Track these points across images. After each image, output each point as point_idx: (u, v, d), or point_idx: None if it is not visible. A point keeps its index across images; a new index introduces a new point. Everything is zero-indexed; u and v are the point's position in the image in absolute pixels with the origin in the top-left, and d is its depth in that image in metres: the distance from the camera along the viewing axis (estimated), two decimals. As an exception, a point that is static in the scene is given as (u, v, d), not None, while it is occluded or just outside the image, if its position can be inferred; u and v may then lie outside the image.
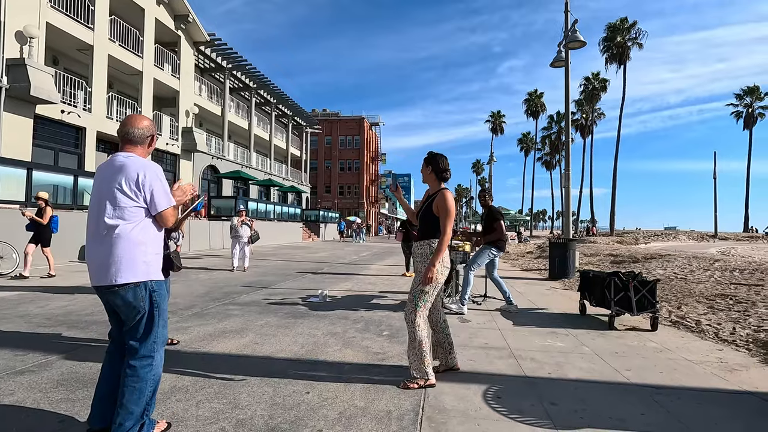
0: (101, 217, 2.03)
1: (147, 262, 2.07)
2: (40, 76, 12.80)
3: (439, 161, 3.17)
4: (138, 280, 2.03)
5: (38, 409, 2.42)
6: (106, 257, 2.00)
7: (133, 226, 2.05)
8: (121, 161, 2.08)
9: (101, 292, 2.06)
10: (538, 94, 52.39)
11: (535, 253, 17.43)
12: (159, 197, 2.08)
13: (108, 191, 2.03)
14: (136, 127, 2.17)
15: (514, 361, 3.54)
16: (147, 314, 2.08)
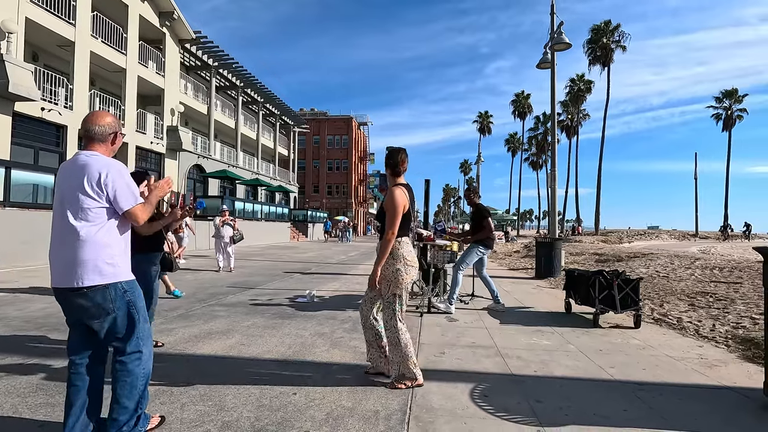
0: (65, 218, 1.97)
1: (113, 263, 2.01)
2: (18, 73, 12.47)
3: (393, 155, 3.09)
4: (106, 282, 1.98)
5: (18, 413, 2.36)
6: (71, 259, 1.94)
7: (98, 228, 1.99)
8: (83, 160, 2.02)
9: (65, 294, 1.99)
10: (525, 95, 52.94)
11: (521, 252, 17.61)
12: (123, 196, 2.02)
13: (70, 192, 1.97)
14: (98, 124, 2.10)
15: (500, 359, 3.57)
16: (125, 315, 2.05)
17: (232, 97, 28.56)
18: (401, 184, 3.04)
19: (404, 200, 2.93)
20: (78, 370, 2.05)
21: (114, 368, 2.05)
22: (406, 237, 2.99)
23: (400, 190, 2.97)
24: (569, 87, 44.05)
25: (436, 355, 3.65)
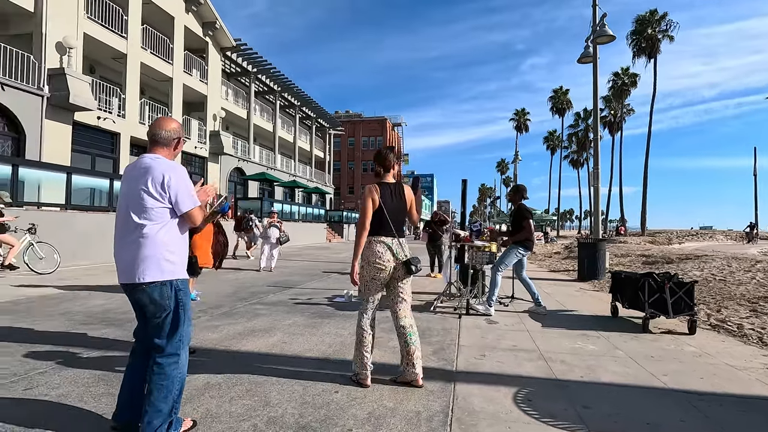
0: (129, 217, 2.09)
1: (172, 261, 2.12)
2: (78, 85, 13.40)
3: (378, 156, 3.07)
4: (164, 279, 2.08)
5: (83, 402, 2.53)
6: (134, 256, 2.06)
7: (159, 226, 2.10)
8: (147, 163, 2.14)
9: (129, 289, 2.12)
10: (564, 91, 51.21)
11: (562, 253, 17.03)
12: (183, 198, 2.13)
13: (135, 192, 2.09)
14: (164, 130, 2.23)
15: (543, 363, 3.47)
16: (172, 312, 2.13)
17: (270, 101, 29.39)
18: (379, 182, 3.01)
19: (371, 195, 2.90)
20: (137, 355, 2.21)
21: (151, 370, 2.09)
22: (376, 236, 2.92)
23: (369, 188, 2.94)
24: (612, 81, 42.19)
25: (476, 358, 3.60)
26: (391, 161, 3.07)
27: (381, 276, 2.90)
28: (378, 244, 2.90)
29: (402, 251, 2.94)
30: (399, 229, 2.98)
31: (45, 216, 9.38)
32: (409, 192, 3.09)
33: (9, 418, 2.30)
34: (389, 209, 2.92)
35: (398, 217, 2.98)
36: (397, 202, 2.98)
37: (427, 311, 5.50)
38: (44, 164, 11.23)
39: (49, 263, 8.44)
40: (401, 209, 3.01)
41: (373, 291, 2.96)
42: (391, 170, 3.07)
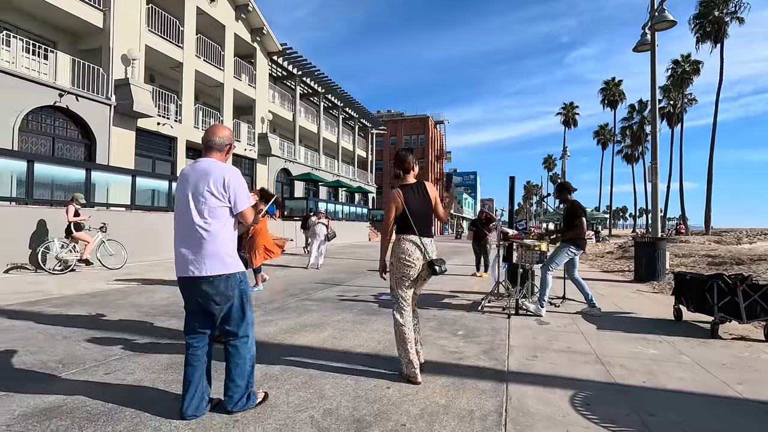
0: (193, 216, 2.25)
1: (232, 255, 2.33)
2: (140, 93, 14.40)
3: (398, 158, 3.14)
4: (229, 272, 2.28)
5: (155, 387, 2.74)
6: (200, 252, 2.23)
7: (222, 224, 2.28)
8: (206, 166, 2.31)
9: (192, 283, 2.26)
10: (616, 82, 48.49)
11: (615, 253, 16.17)
12: (241, 198, 2.32)
13: (198, 193, 2.25)
14: (217, 136, 2.40)
15: (601, 366, 3.33)
16: (237, 301, 2.33)
17: (314, 103, 30.08)
18: (401, 185, 3.08)
19: (395, 201, 2.98)
20: (194, 351, 2.34)
21: (227, 351, 2.36)
22: (404, 235, 2.99)
23: (392, 193, 3.04)
24: (671, 69, 39.45)
25: (528, 359, 3.52)
26: (410, 163, 3.12)
27: (410, 273, 2.96)
28: (407, 242, 2.97)
29: (428, 251, 2.98)
30: (424, 228, 3.01)
31: (113, 216, 10.16)
32: (432, 190, 3.12)
33: (94, 398, 2.53)
34: (413, 210, 2.97)
35: (423, 217, 3.02)
36: (420, 203, 3.02)
37: (475, 311, 5.43)
38: (112, 168, 12.17)
39: (117, 259, 9.14)
40: (425, 209, 3.05)
41: (405, 289, 3.01)
42: (411, 171, 3.12)
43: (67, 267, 8.26)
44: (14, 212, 8.32)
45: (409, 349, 2.92)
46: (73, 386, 2.73)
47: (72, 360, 3.23)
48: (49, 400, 2.51)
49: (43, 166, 9.26)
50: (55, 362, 3.18)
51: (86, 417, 2.30)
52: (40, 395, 2.57)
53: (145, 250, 10.71)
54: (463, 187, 76.87)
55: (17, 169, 8.79)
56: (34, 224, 8.41)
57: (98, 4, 13.91)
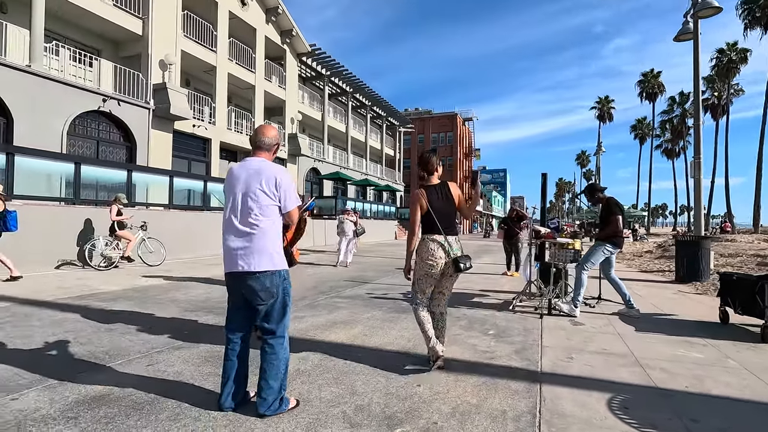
0: (244, 213, 2.30)
1: (279, 253, 2.37)
2: (177, 97, 14.96)
3: (422, 160, 3.22)
4: (275, 269, 2.32)
5: (194, 379, 2.85)
6: (249, 248, 2.28)
7: (271, 222, 2.33)
8: (258, 165, 2.36)
9: (240, 278, 2.32)
10: (655, 73, 46.36)
11: (655, 252, 15.50)
12: (290, 197, 2.37)
13: (250, 191, 2.30)
14: (266, 137, 2.46)
15: (640, 369, 3.21)
16: (280, 299, 2.36)
17: (342, 102, 30.33)
18: (425, 186, 3.16)
19: (419, 201, 3.06)
20: (233, 347, 2.41)
21: (263, 351, 2.35)
22: (428, 235, 3.07)
23: (416, 194, 3.11)
24: (716, 59, 37.32)
25: (562, 360, 3.43)
26: (434, 164, 3.19)
27: (433, 272, 3.04)
28: (431, 242, 3.05)
29: (453, 249, 3.05)
30: (448, 227, 3.08)
31: (152, 214, 10.61)
32: (455, 190, 3.19)
33: (138, 388, 2.66)
34: (437, 210, 3.05)
35: (447, 216, 3.09)
36: (443, 203, 3.10)
37: (506, 310, 5.35)
38: (151, 169, 12.71)
39: (157, 256, 9.55)
40: (448, 209, 3.12)
41: (426, 286, 3.11)
42: (435, 172, 3.20)
43: (111, 263, 8.69)
44: (63, 212, 8.83)
45: (427, 330, 3.08)
46: (119, 376, 2.88)
47: (117, 351, 3.41)
48: (98, 388, 2.66)
49: (89, 168, 9.78)
50: (102, 353, 3.36)
51: (132, 405, 2.42)
52: (90, 384, 2.73)
53: (181, 247, 11.13)
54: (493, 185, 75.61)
55: (66, 171, 9.32)
56: (81, 223, 8.90)
57: (138, 13, 14.54)
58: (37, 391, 2.61)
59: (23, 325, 4.17)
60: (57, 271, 8.11)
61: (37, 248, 8.06)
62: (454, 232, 3.12)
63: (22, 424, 2.19)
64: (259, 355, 2.41)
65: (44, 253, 8.20)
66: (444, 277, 3.12)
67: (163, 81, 14.96)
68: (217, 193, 13.61)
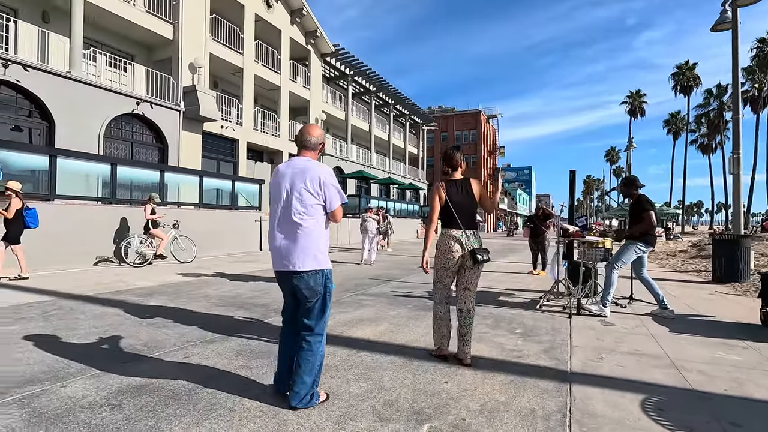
0: (289, 212, 2.34)
1: (323, 252, 2.40)
2: (206, 99, 15.38)
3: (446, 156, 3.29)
4: (319, 268, 2.35)
5: (227, 371, 2.95)
6: (294, 247, 2.33)
7: (315, 221, 2.36)
8: (303, 164, 2.40)
9: (285, 276, 2.38)
10: (690, 65, 44.48)
11: (690, 251, 14.91)
12: (334, 197, 2.39)
13: (295, 190, 2.34)
14: (312, 136, 2.49)
15: (675, 371, 3.12)
16: (323, 298, 2.40)
17: (365, 101, 30.46)
18: (446, 180, 3.24)
19: (438, 193, 3.16)
20: (287, 334, 2.52)
21: (300, 346, 2.41)
22: (447, 229, 3.16)
23: (436, 186, 3.20)
24: (756, 49, 35.57)
25: (592, 360, 3.37)
26: (458, 160, 3.26)
27: (450, 265, 3.13)
28: (449, 236, 3.14)
29: (470, 242, 3.10)
30: (467, 221, 3.13)
31: (183, 213, 10.96)
32: (476, 186, 3.22)
33: (175, 379, 2.78)
34: (456, 204, 3.11)
35: (465, 211, 3.13)
36: (463, 197, 3.14)
37: (533, 309, 5.28)
38: (182, 169, 13.12)
39: (188, 254, 9.86)
40: (468, 203, 3.15)
41: (444, 278, 3.19)
42: (459, 168, 3.26)
43: (145, 260, 9.04)
44: (101, 211, 9.24)
45: (442, 334, 3.21)
46: (157, 367, 3.01)
47: (155, 344, 3.56)
48: (139, 378, 2.79)
49: (124, 169, 10.19)
50: (141, 345, 3.52)
51: (171, 395, 2.54)
52: (131, 374, 2.87)
53: (211, 245, 11.46)
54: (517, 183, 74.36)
55: (103, 172, 9.75)
56: (118, 222, 9.29)
57: (169, 18, 15.03)
58: (84, 379, 2.76)
59: (68, 318, 4.40)
60: (95, 268, 8.50)
61: (77, 246, 8.47)
62: (473, 227, 3.16)
63: (72, 410, 2.33)
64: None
65: (84, 250, 8.61)
66: (465, 271, 3.16)
67: (193, 84, 15.41)
68: (245, 193, 13.93)
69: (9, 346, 3.44)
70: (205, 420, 2.24)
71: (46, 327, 4.04)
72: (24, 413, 2.27)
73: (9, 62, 10.56)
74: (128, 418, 2.23)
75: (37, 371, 2.89)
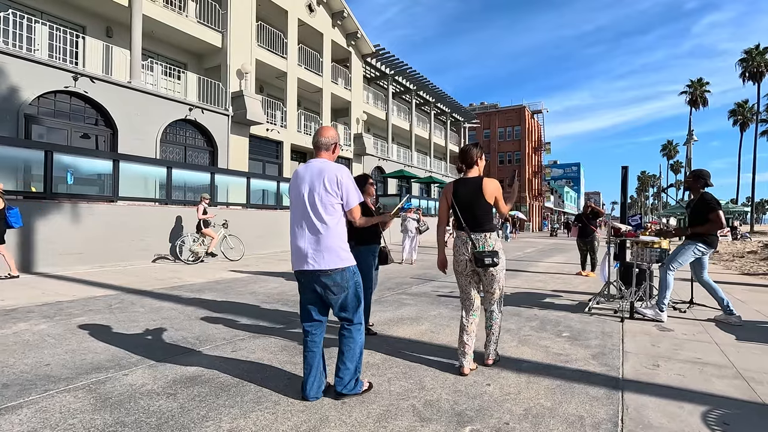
0: (310, 212, 2.41)
1: (346, 249, 2.47)
2: (252, 103, 15.99)
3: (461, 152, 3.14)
4: (344, 266, 2.43)
5: (273, 366, 3.06)
6: (318, 246, 2.39)
7: (336, 220, 2.44)
8: (320, 165, 2.47)
9: (310, 276, 2.42)
10: (761, 50, 40.73)
11: (760, 253, 13.69)
12: (352, 195, 2.46)
13: (314, 190, 2.42)
14: (323, 137, 2.57)
15: (742, 383, 2.88)
16: (353, 291, 2.48)
17: (405, 100, 30.42)
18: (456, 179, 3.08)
19: (444, 195, 3.09)
20: (312, 338, 2.54)
21: (341, 335, 2.52)
22: (458, 231, 3.03)
23: (446, 185, 3.10)
24: (840, 28, 31.91)
25: (647, 367, 3.18)
26: (473, 157, 3.06)
27: (461, 269, 3.04)
28: (457, 238, 3.04)
29: (480, 246, 2.92)
30: (473, 223, 2.96)
31: (232, 213, 11.46)
32: (488, 185, 2.95)
33: (224, 371, 2.91)
34: (461, 205, 2.98)
35: (471, 211, 2.96)
36: (471, 197, 2.96)
37: (581, 312, 5.05)
38: (231, 171, 13.72)
39: (236, 252, 10.31)
40: (473, 204, 2.95)
41: (463, 282, 3.09)
42: (474, 165, 3.07)
43: (198, 258, 9.55)
44: (159, 211, 9.86)
45: (465, 342, 2.98)
46: (208, 360, 3.17)
47: (206, 338, 3.75)
48: (191, 370, 2.95)
49: (178, 171, 10.81)
50: (193, 338, 3.72)
51: (220, 387, 2.66)
52: (184, 365, 3.04)
53: (258, 243, 11.90)
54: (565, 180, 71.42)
55: (159, 175, 10.39)
56: (173, 221, 9.87)
57: (218, 27, 15.76)
58: (143, 368, 2.96)
59: (130, 311, 4.74)
60: (153, 265, 9.07)
61: (137, 243, 9.09)
62: (481, 229, 2.94)
63: (133, 396, 2.51)
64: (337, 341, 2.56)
65: (143, 247, 9.22)
66: (480, 276, 3.04)
67: (240, 89, 16.06)
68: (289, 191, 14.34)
69: (79, 335, 3.75)
70: (252, 412, 2.33)
71: (110, 319, 4.37)
72: (91, 398, 2.47)
73: (79, 75, 11.50)
74: (182, 407, 2.37)
75: (103, 359, 3.13)
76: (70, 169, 8.73)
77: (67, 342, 3.56)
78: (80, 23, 13.12)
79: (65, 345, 3.48)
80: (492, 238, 2.95)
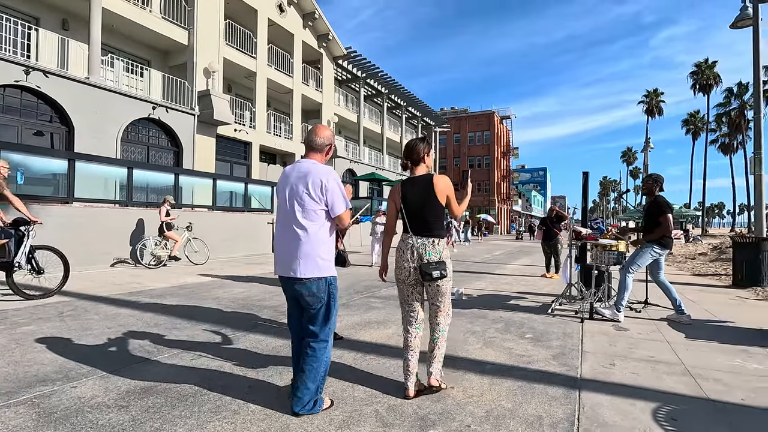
0: (291, 217, 2.31)
1: (326, 259, 2.34)
2: (220, 103, 15.60)
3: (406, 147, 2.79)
4: (321, 275, 2.31)
5: (234, 374, 2.96)
6: (295, 253, 2.29)
7: (318, 227, 2.31)
8: (306, 167, 2.36)
9: (288, 282, 2.36)
10: (710, 64, 43.36)
11: (709, 254, 14.53)
12: (338, 202, 2.33)
13: (296, 194, 2.31)
14: (319, 137, 2.44)
15: (690, 379, 3.02)
16: (326, 304, 2.36)
17: (377, 103, 30.52)
18: (404, 180, 2.76)
19: (392, 197, 2.78)
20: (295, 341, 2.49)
21: (305, 353, 2.36)
22: (404, 234, 2.69)
23: (392, 189, 2.81)
24: (779, 45, 34.44)
25: (604, 366, 3.29)
26: (419, 152, 2.70)
27: (403, 277, 2.65)
28: (401, 243, 2.68)
29: (425, 253, 2.56)
30: (420, 226, 2.60)
31: (197, 216, 11.11)
32: (439, 182, 2.61)
33: (182, 381, 2.80)
34: (409, 207, 2.63)
35: (420, 214, 2.61)
36: (419, 197, 2.61)
37: (544, 313, 5.19)
38: (196, 172, 13.32)
39: (201, 256, 9.99)
40: (423, 205, 2.60)
41: (405, 292, 2.71)
42: (421, 162, 2.71)
43: (160, 262, 9.19)
44: (118, 213, 9.43)
45: (407, 358, 2.66)
46: (165, 369, 3.04)
47: (165, 345, 3.60)
48: (147, 380, 2.82)
49: (140, 172, 10.38)
50: (150, 346, 3.56)
51: (177, 397, 2.56)
52: (139, 376, 2.90)
53: (224, 247, 11.58)
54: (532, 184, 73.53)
55: (120, 175, 9.95)
56: (134, 224, 9.46)
57: (184, 24, 15.30)
58: (94, 380, 2.80)
59: (83, 318, 4.49)
60: (112, 269, 8.66)
61: (94, 247, 8.65)
62: (429, 234, 2.59)
63: (80, 410, 2.37)
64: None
65: (101, 251, 8.79)
66: (424, 287, 2.68)
67: (207, 88, 15.64)
68: (257, 195, 14.06)
69: (24, 346, 3.52)
70: (209, 422, 2.25)
71: (61, 327, 4.13)
72: (34, 413, 2.32)
73: (30, 69, 10.88)
74: (134, 420, 2.26)
75: (50, 371, 2.95)
76: (21, 168, 8.22)
77: (9, 353, 3.33)
78: (33, 14, 12.43)
79: (8, 356, 3.26)
80: (440, 245, 2.60)
